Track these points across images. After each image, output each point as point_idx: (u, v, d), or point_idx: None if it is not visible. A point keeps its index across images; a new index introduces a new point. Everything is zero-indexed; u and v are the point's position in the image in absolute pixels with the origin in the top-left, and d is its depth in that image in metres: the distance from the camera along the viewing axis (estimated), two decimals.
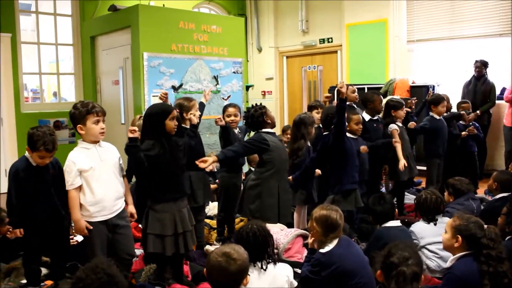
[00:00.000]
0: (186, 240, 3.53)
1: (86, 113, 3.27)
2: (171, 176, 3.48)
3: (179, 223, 3.48)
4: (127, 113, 7.10)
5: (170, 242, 3.46)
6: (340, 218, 3.13)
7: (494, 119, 7.72)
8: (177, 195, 3.52)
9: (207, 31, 7.46)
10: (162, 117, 3.43)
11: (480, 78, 7.60)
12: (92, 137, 3.32)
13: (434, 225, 3.76)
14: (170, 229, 3.45)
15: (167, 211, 3.46)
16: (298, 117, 4.66)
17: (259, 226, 2.97)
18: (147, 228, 3.48)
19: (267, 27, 10.87)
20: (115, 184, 3.43)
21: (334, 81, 9.74)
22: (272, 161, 4.16)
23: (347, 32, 9.43)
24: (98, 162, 3.32)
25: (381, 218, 3.77)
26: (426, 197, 3.91)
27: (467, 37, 8.16)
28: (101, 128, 3.32)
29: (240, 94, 7.95)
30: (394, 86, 8.14)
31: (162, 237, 3.45)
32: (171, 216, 3.46)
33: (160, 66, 6.85)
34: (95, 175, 3.29)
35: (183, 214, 3.52)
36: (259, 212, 4.12)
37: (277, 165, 4.19)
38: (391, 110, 5.46)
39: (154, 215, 3.47)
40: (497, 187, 4.45)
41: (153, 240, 3.46)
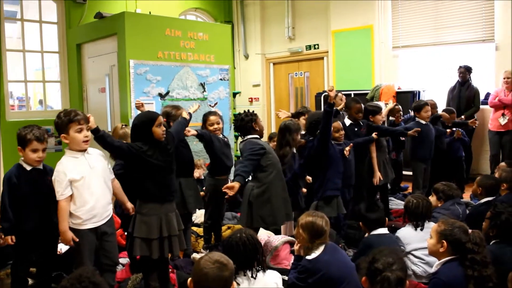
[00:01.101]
0: (172, 244, 3.51)
1: (68, 122, 3.26)
2: (158, 178, 3.46)
3: (165, 227, 3.46)
4: (113, 120, 7.06)
5: (156, 245, 3.45)
6: (326, 224, 3.14)
7: (479, 124, 7.76)
8: (163, 198, 3.50)
9: (193, 38, 7.45)
10: (148, 124, 3.43)
11: (464, 83, 7.68)
12: (76, 145, 3.31)
13: (420, 230, 3.77)
14: (156, 232, 3.44)
15: (154, 214, 3.45)
16: (283, 124, 4.67)
17: (249, 235, 2.96)
18: (134, 232, 3.47)
19: (253, 34, 10.90)
20: (105, 191, 3.43)
21: (321, 87, 9.80)
22: (272, 163, 4.18)
23: (333, 38, 9.48)
24: (88, 170, 3.32)
25: (374, 225, 3.76)
26: (417, 202, 3.90)
27: (451, 43, 8.24)
28: (84, 136, 3.30)
29: (227, 101, 7.94)
30: (380, 92, 8.19)
31: (149, 240, 3.44)
32: (157, 219, 3.45)
33: (146, 74, 6.82)
34: (85, 183, 3.28)
35: (169, 218, 3.50)
36: (271, 217, 4.13)
37: (276, 166, 4.22)
38: (369, 116, 5.51)
39: (140, 218, 3.46)
40: (481, 191, 4.48)
41: (140, 243, 3.44)
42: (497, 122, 7.36)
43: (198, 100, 7.43)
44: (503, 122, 7.28)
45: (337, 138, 4.75)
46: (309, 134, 4.56)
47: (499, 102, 7.29)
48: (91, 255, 3.35)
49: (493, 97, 7.43)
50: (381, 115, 5.59)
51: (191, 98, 7.34)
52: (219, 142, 4.65)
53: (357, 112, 5.37)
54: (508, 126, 7.27)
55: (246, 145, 4.20)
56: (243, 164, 4.09)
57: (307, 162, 4.51)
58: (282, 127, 4.64)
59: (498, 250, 3.11)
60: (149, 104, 6.78)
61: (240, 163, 4.18)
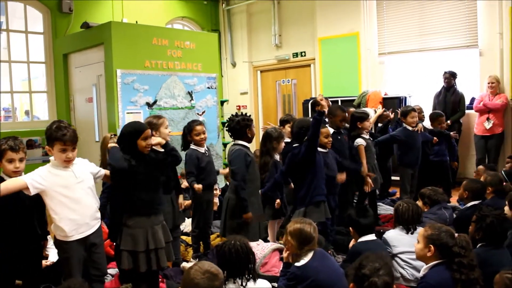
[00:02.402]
0: (159, 256, 3.50)
1: (54, 139, 3.22)
2: (144, 192, 3.45)
3: (151, 239, 3.46)
4: (101, 130, 7.04)
5: (142, 258, 3.44)
6: (314, 231, 3.15)
7: (465, 128, 7.88)
8: (150, 210, 3.50)
9: (180, 47, 7.46)
10: (134, 136, 3.43)
11: (449, 88, 7.76)
12: (58, 161, 3.28)
13: (411, 234, 3.79)
14: (143, 245, 3.43)
15: (140, 226, 3.45)
16: (265, 131, 4.69)
17: (242, 243, 2.96)
18: (121, 245, 3.47)
19: (240, 42, 10.94)
20: (91, 200, 3.41)
21: (308, 95, 9.85)
22: (249, 179, 4.25)
23: (320, 45, 9.54)
24: (74, 181, 3.29)
25: (365, 231, 3.77)
26: (407, 207, 3.91)
27: (436, 49, 8.32)
28: (66, 157, 3.24)
29: (215, 109, 7.95)
30: (367, 98, 8.25)
31: (135, 253, 3.43)
32: (144, 232, 3.45)
33: (134, 83, 6.81)
34: (69, 193, 3.25)
35: (155, 230, 3.50)
36: (242, 232, 4.16)
37: (255, 183, 4.28)
38: (357, 122, 5.52)
39: (127, 231, 3.46)
40: (467, 195, 4.52)
41: (127, 256, 3.44)
42: (483, 126, 7.45)
43: (186, 108, 7.44)
44: (488, 126, 7.37)
45: (326, 143, 4.77)
46: (296, 141, 4.56)
47: (484, 106, 7.38)
48: (80, 266, 3.32)
49: (478, 101, 7.52)
50: (368, 121, 5.62)
51: (178, 106, 7.34)
52: (197, 160, 4.61)
53: (342, 120, 5.37)
54: (493, 130, 7.37)
55: (235, 158, 4.24)
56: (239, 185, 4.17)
57: (291, 169, 4.50)
58: (263, 135, 4.66)
59: (485, 253, 3.15)
60: (137, 113, 6.78)
61: (235, 182, 4.21)
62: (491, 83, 7.39)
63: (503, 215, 3.31)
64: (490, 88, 7.41)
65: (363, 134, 5.53)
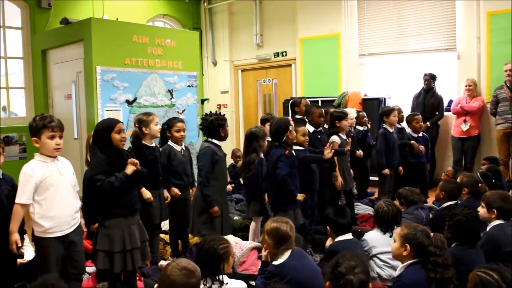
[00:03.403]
0: (134, 257, 3.50)
1: (42, 127, 3.23)
2: (120, 192, 3.43)
3: (128, 240, 3.45)
4: (80, 128, 6.99)
5: (118, 258, 3.44)
6: (290, 229, 3.17)
7: (442, 130, 7.99)
8: (127, 211, 3.50)
9: (161, 45, 7.43)
10: (107, 131, 3.43)
11: (429, 91, 7.85)
12: (47, 151, 3.28)
13: (390, 236, 3.81)
14: (119, 245, 3.43)
15: (116, 227, 3.44)
16: (249, 131, 4.70)
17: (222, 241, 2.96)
18: (97, 244, 3.46)
19: (222, 41, 10.93)
20: (73, 199, 3.41)
21: (288, 94, 9.88)
22: (215, 177, 4.27)
23: (301, 46, 9.58)
24: (58, 176, 3.29)
25: (342, 230, 3.79)
26: (388, 209, 3.91)
27: (415, 51, 8.41)
28: (56, 143, 3.27)
29: (195, 107, 7.94)
30: (347, 99, 8.30)
31: (111, 253, 3.43)
32: (120, 232, 3.44)
33: (113, 80, 6.77)
34: (53, 189, 3.24)
35: (132, 230, 3.49)
36: (206, 230, 4.23)
37: (220, 181, 4.34)
38: (335, 121, 5.57)
39: (103, 231, 3.45)
40: (444, 196, 4.58)
41: (103, 257, 3.43)
42: (460, 128, 7.57)
43: (166, 107, 7.41)
44: (465, 128, 7.49)
45: (303, 142, 4.81)
46: (274, 140, 4.60)
47: (461, 109, 7.50)
48: (58, 264, 3.30)
49: (455, 104, 7.63)
50: (347, 121, 5.65)
51: (159, 104, 7.31)
52: (169, 156, 4.65)
53: (319, 117, 5.41)
54: (470, 132, 7.49)
55: (201, 156, 4.31)
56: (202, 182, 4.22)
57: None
58: (249, 134, 4.67)
59: (459, 252, 3.20)
60: (116, 111, 6.74)
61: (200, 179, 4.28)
62: (469, 86, 7.52)
63: (473, 214, 3.36)
64: (467, 91, 7.54)
65: (341, 133, 5.57)
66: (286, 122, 4.52)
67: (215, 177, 4.29)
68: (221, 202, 4.36)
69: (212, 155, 4.25)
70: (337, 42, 9.09)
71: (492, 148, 7.44)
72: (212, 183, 4.25)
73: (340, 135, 5.55)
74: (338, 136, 5.52)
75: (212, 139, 4.39)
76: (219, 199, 4.30)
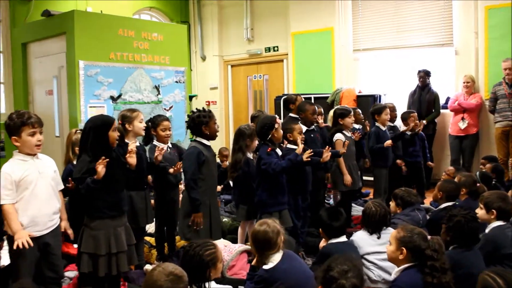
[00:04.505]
0: (119, 261, 3.47)
1: (21, 124, 3.21)
2: (108, 193, 3.42)
3: (114, 243, 3.42)
4: (61, 125, 6.92)
5: (103, 262, 3.41)
6: (275, 233, 3.10)
7: (439, 128, 8.01)
8: (113, 212, 3.47)
9: (147, 39, 7.38)
10: (105, 128, 3.42)
11: (424, 87, 7.86)
12: (28, 149, 3.26)
13: (377, 238, 3.79)
14: (104, 248, 3.40)
15: (102, 228, 3.41)
16: (238, 129, 4.68)
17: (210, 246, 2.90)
18: (81, 247, 3.43)
19: (211, 35, 10.88)
20: (52, 199, 3.38)
21: (280, 91, 9.87)
22: (202, 179, 4.21)
23: (293, 40, 9.57)
24: (36, 174, 3.27)
25: (336, 233, 3.75)
26: (375, 210, 3.86)
27: (411, 46, 8.42)
28: (37, 140, 3.26)
29: (183, 104, 7.90)
30: (341, 96, 8.30)
31: (96, 256, 3.39)
32: (106, 235, 3.41)
33: (97, 75, 6.71)
34: (31, 188, 3.22)
35: (118, 233, 3.47)
36: (191, 233, 4.17)
37: (208, 183, 4.28)
38: (338, 119, 5.56)
39: (88, 233, 3.42)
40: (442, 196, 4.57)
41: (87, 259, 3.40)
42: (457, 126, 7.56)
43: (152, 103, 7.36)
44: (462, 126, 7.49)
45: None
46: (260, 138, 4.58)
47: (459, 106, 7.50)
48: (31, 267, 3.27)
49: (453, 101, 7.64)
50: (351, 118, 5.62)
51: (144, 101, 7.27)
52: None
53: (313, 114, 5.40)
54: (468, 130, 7.48)
55: (186, 157, 4.27)
56: (188, 184, 4.18)
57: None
58: (236, 132, 4.66)
59: (457, 255, 3.19)
60: (100, 107, 6.69)
61: (185, 181, 4.23)
62: (466, 83, 7.52)
63: (472, 214, 3.35)
64: (465, 87, 7.54)
65: (345, 131, 5.56)
66: (272, 119, 4.50)
67: (202, 179, 4.24)
68: (210, 205, 4.31)
69: (197, 156, 4.19)
70: (330, 37, 9.08)
71: (491, 147, 7.45)
72: (199, 185, 4.21)
73: (344, 133, 5.53)
74: (342, 134, 5.50)
75: (199, 139, 4.34)
76: (207, 202, 4.26)
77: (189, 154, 4.24)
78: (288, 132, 4.74)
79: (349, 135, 5.61)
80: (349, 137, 5.57)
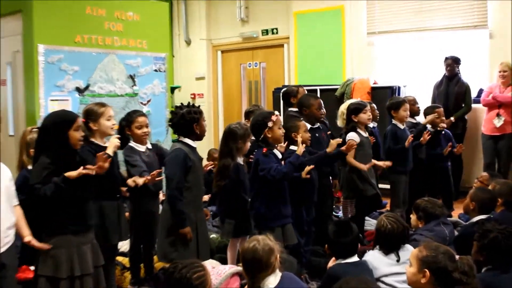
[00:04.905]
0: (84, 286, 3.45)
1: None
2: (70, 203, 3.39)
3: (77, 264, 3.41)
4: (17, 121, 6.93)
5: (65, 287, 3.38)
6: (266, 251, 3.04)
7: (470, 126, 7.99)
8: (77, 227, 3.45)
9: (121, 19, 7.39)
10: (65, 127, 3.40)
11: (452, 78, 7.85)
12: None
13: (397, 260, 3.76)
14: (66, 270, 3.38)
15: (64, 246, 3.39)
16: (227, 127, 4.65)
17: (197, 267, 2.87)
18: (38, 269, 3.40)
19: (198, 15, 10.89)
20: (6, 212, 3.34)
21: (280, 81, 9.86)
22: (187, 187, 4.18)
23: (296, 21, 9.58)
24: None
25: (344, 252, 3.71)
26: (392, 227, 3.82)
27: (437, 29, 8.42)
28: None
29: (163, 97, 7.89)
30: (352, 88, 8.28)
31: (56, 280, 3.37)
32: (68, 254, 3.39)
33: (60, 63, 6.71)
34: None
35: (83, 252, 3.46)
36: (176, 252, 4.12)
37: (192, 192, 4.24)
38: (351, 115, 5.55)
39: (46, 252, 3.39)
40: (474, 207, 4.51)
41: (45, 284, 3.38)
42: (492, 124, 7.52)
43: (126, 96, 7.35)
44: (498, 124, 7.44)
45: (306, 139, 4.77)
46: (254, 136, 4.58)
47: (494, 100, 7.46)
48: None
49: (486, 94, 7.59)
50: (366, 113, 5.59)
51: (117, 93, 7.26)
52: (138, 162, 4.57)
53: (318, 108, 5.39)
54: (505, 129, 7.43)
55: (170, 161, 4.22)
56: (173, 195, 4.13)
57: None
58: (225, 132, 4.62)
59: (491, 279, 3.17)
60: (64, 101, 6.68)
61: (169, 191, 4.18)
62: (503, 72, 7.48)
63: (510, 229, 3.32)
64: (501, 77, 7.51)
65: (359, 129, 5.55)
66: (265, 116, 4.49)
67: (187, 187, 4.21)
68: (196, 219, 4.28)
69: (184, 160, 4.16)
70: (340, 17, 9.10)
71: None
72: (184, 195, 4.19)
73: (360, 132, 5.52)
74: (357, 133, 5.49)
75: (184, 139, 4.30)
76: (192, 216, 4.23)
77: (174, 157, 4.19)
78: (293, 130, 4.72)
79: (365, 134, 5.59)
80: (365, 137, 5.56)
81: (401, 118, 6.06)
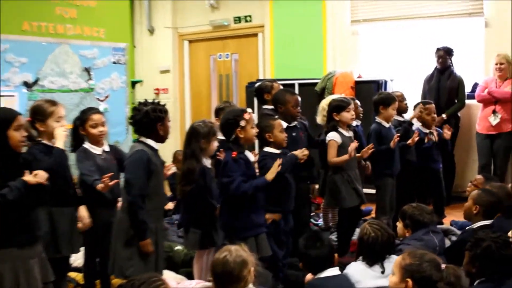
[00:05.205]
0: None
1: None
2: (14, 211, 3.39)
3: (23, 280, 3.41)
4: None
5: None
6: (238, 263, 3.08)
7: (464, 124, 8.08)
8: (24, 238, 3.46)
9: (75, 5, 7.38)
10: (3, 126, 3.40)
11: (444, 71, 7.92)
12: None
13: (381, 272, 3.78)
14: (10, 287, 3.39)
15: (7, 261, 3.40)
16: (190, 126, 4.65)
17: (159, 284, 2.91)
18: None
19: (162, 0, 10.86)
20: None
21: (254, 75, 9.88)
22: (148, 194, 4.20)
23: (271, 8, 9.61)
24: None
25: (317, 266, 3.72)
26: (375, 235, 3.86)
27: (427, 16, 8.48)
28: None
29: (123, 93, 7.91)
30: (334, 82, 8.30)
31: None
32: (12, 269, 3.40)
33: (6, 53, 6.70)
34: None
35: (29, 267, 3.46)
36: (132, 267, 4.12)
37: (153, 199, 4.25)
38: (333, 113, 5.60)
39: None
40: (478, 211, 4.52)
41: None
42: (487, 122, 7.58)
43: (81, 91, 7.34)
44: (494, 122, 7.49)
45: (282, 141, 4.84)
46: (224, 135, 4.61)
47: (490, 95, 7.51)
48: None
49: (481, 89, 7.65)
50: (349, 112, 5.62)
51: (71, 88, 7.26)
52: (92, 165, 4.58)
53: (295, 106, 5.44)
54: (501, 128, 7.48)
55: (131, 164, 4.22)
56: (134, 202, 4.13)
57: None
58: (188, 130, 4.63)
59: None
60: (10, 96, 6.66)
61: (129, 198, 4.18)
62: (500, 64, 7.52)
63: (504, 238, 3.37)
64: (498, 70, 7.55)
65: (341, 129, 5.62)
66: (236, 114, 4.53)
67: (147, 194, 4.23)
68: (156, 231, 4.30)
69: (147, 163, 4.17)
70: (321, 3, 9.13)
71: None
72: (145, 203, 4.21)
73: (341, 131, 5.57)
74: (338, 132, 5.55)
75: (146, 139, 4.29)
76: (152, 227, 4.23)
77: (136, 160, 4.17)
78: (267, 131, 4.78)
79: (348, 134, 5.64)
80: (348, 137, 5.60)
81: (388, 117, 6.07)
